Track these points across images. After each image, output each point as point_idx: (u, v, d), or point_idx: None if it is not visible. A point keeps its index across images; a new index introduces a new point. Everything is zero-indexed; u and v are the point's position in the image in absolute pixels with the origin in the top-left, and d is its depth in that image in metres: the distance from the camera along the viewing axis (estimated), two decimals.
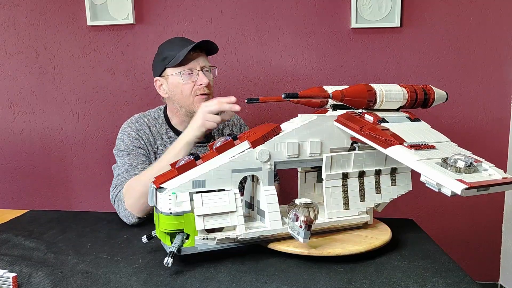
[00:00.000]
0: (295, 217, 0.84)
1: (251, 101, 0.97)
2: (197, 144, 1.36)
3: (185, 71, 1.29)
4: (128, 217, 1.15)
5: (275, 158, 0.90)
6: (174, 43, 1.34)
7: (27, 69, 2.11)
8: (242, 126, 1.53)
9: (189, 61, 1.29)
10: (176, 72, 1.29)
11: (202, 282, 0.79)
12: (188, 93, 1.30)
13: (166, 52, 1.31)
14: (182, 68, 1.29)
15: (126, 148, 1.29)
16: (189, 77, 1.30)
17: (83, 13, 2.03)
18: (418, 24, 1.96)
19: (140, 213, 1.14)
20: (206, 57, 1.34)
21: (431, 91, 1.02)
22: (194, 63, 1.30)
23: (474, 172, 0.74)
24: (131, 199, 1.14)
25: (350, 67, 2.01)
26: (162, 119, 1.39)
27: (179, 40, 1.36)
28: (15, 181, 2.21)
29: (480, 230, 2.09)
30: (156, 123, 1.38)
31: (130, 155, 1.27)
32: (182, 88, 1.30)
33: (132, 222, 1.15)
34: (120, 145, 1.31)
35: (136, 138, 1.31)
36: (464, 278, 0.81)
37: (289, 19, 2.00)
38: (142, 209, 1.14)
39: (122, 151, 1.29)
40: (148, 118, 1.38)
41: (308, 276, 0.82)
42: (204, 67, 1.32)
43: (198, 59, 1.31)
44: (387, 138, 0.83)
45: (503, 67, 1.97)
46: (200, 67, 1.30)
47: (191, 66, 1.29)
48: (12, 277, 0.75)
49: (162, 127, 1.38)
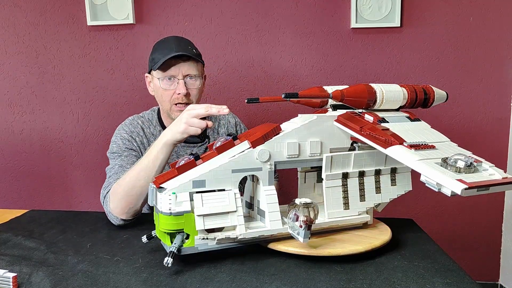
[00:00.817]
0: (295, 217, 0.84)
1: (251, 101, 0.97)
2: (191, 145, 1.37)
3: (164, 77, 1.26)
4: (113, 219, 1.12)
5: (275, 158, 0.90)
6: (165, 44, 1.30)
7: (27, 69, 2.11)
8: (237, 124, 1.51)
9: (170, 67, 1.25)
10: (157, 76, 1.28)
11: (202, 282, 0.79)
12: (167, 99, 1.28)
13: (155, 53, 1.30)
14: (162, 74, 1.26)
15: (118, 150, 1.28)
16: (168, 84, 1.27)
17: (83, 13, 2.03)
18: (418, 24, 1.96)
19: (124, 215, 1.11)
20: (194, 64, 1.28)
21: (431, 91, 1.02)
22: (176, 70, 1.26)
23: (474, 172, 0.74)
24: (113, 202, 1.11)
25: (350, 67, 2.01)
26: (156, 121, 1.39)
27: (171, 41, 1.31)
28: (15, 181, 2.21)
29: (480, 230, 2.09)
30: (150, 125, 1.38)
31: (122, 157, 1.25)
32: (162, 93, 1.29)
33: (118, 224, 1.13)
34: (112, 147, 1.30)
35: (129, 140, 1.30)
36: (464, 278, 0.81)
37: (289, 19, 2.00)
38: (125, 212, 1.10)
39: (114, 153, 1.28)
40: (142, 120, 1.38)
41: (308, 276, 0.82)
42: (187, 76, 1.27)
43: (181, 66, 1.26)
44: (387, 138, 0.83)
45: (503, 67, 1.97)
46: (182, 75, 1.26)
47: (171, 73, 1.26)
48: (12, 277, 0.75)
49: (156, 128, 1.38)
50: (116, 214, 1.11)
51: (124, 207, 1.10)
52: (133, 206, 1.10)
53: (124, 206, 1.10)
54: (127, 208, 1.10)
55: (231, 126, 1.48)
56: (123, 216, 1.11)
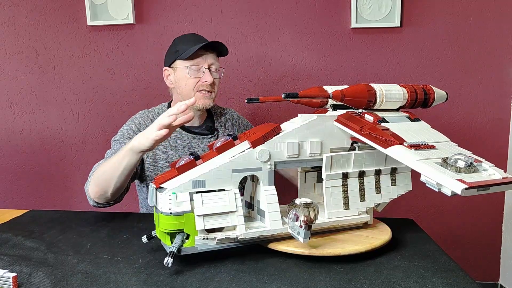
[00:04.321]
0: (295, 217, 0.84)
1: (251, 101, 0.97)
2: (201, 136, 1.42)
3: (193, 65, 1.34)
4: (88, 199, 1.20)
5: (275, 158, 0.90)
6: (189, 38, 1.40)
7: (27, 69, 2.11)
8: (239, 118, 1.58)
9: (198, 57, 1.34)
10: (184, 65, 1.34)
11: (202, 282, 0.79)
12: (191, 87, 1.35)
13: (179, 45, 1.37)
14: (191, 63, 1.34)
15: (120, 138, 1.33)
16: (195, 72, 1.34)
17: (83, 13, 2.03)
18: (418, 24, 1.96)
19: (96, 199, 1.18)
20: (216, 57, 1.39)
21: (431, 91, 1.02)
22: (203, 60, 1.34)
23: (474, 172, 0.74)
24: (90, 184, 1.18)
25: (350, 67, 2.01)
26: None
27: (193, 35, 1.42)
28: (15, 181, 2.21)
29: (480, 230, 2.09)
30: None
31: (121, 144, 1.29)
32: (187, 81, 1.35)
33: (92, 205, 1.21)
34: (117, 135, 1.35)
35: (134, 132, 1.34)
36: (464, 278, 0.81)
37: (289, 19, 2.00)
38: (96, 196, 1.17)
39: (116, 140, 1.34)
40: (152, 114, 1.43)
41: (308, 276, 0.82)
42: (211, 65, 1.36)
43: (207, 57, 1.35)
44: (387, 138, 0.83)
45: (503, 67, 1.97)
46: (207, 64, 1.35)
47: (199, 62, 1.34)
48: (12, 277, 0.75)
49: None
50: (90, 195, 1.18)
51: (96, 192, 1.16)
52: (102, 193, 1.15)
53: (95, 191, 1.16)
54: (97, 194, 1.16)
55: (234, 120, 1.55)
56: (96, 199, 1.18)
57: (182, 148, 1.39)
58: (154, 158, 1.37)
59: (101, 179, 1.14)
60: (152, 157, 1.37)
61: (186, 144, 1.40)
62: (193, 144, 1.41)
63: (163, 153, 1.38)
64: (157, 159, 1.37)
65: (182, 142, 1.40)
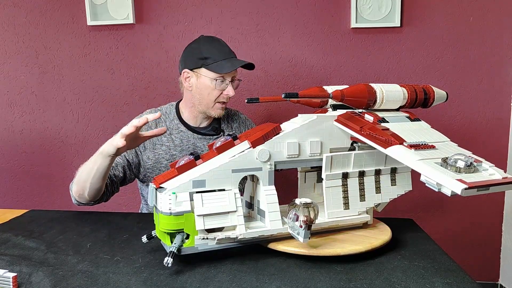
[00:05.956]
0: (295, 217, 0.84)
1: (251, 101, 0.97)
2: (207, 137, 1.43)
3: (220, 78, 1.34)
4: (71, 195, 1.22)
5: (275, 158, 0.90)
6: (218, 47, 1.37)
7: (27, 69, 2.11)
8: (246, 119, 1.58)
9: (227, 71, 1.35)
10: (212, 77, 1.33)
11: (202, 282, 0.79)
12: (213, 98, 1.36)
13: (207, 53, 1.34)
14: (218, 76, 1.33)
15: None
16: (220, 84, 1.34)
17: (83, 13, 2.03)
18: (418, 24, 1.96)
19: (76, 197, 1.20)
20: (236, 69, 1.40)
21: (431, 91, 1.02)
22: (228, 74, 1.35)
23: (474, 172, 0.74)
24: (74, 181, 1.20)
25: (350, 67, 2.01)
26: (173, 114, 1.44)
27: (221, 45, 1.39)
28: (15, 181, 2.21)
29: (480, 230, 2.09)
30: (166, 118, 1.43)
31: None
32: (210, 91, 1.35)
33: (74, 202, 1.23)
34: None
35: None
36: (464, 278, 0.81)
37: (289, 19, 2.00)
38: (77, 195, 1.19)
39: None
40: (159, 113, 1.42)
41: (308, 276, 0.82)
42: (234, 78, 1.38)
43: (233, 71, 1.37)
44: (387, 138, 0.83)
45: (503, 67, 1.97)
46: (231, 78, 1.36)
47: (225, 75, 1.34)
48: (12, 277, 0.75)
49: (172, 122, 1.43)
50: (73, 193, 1.21)
51: (76, 191, 1.19)
52: (81, 193, 1.18)
53: (76, 189, 1.19)
54: (77, 193, 1.19)
55: (241, 121, 1.55)
56: (77, 198, 1.21)
57: (187, 148, 1.40)
58: (155, 159, 1.37)
59: (79, 179, 1.17)
60: (153, 158, 1.37)
61: (191, 144, 1.41)
62: (199, 144, 1.41)
63: (166, 154, 1.38)
64: (160, 159, 1.37)
65: (187, 142, 1.40)
